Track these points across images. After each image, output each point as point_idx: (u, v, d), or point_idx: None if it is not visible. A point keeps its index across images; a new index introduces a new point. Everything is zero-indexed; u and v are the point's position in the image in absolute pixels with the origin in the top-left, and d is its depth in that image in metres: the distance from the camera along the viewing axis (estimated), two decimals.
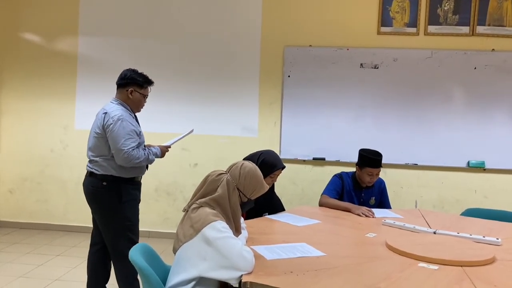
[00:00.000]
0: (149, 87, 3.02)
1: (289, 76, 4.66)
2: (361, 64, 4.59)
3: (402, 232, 2.50)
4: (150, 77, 3.04)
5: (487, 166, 4.48)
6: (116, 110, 2.84)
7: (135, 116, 3.03)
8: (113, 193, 2.82)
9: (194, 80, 4.80)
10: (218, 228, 1.74)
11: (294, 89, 4.65)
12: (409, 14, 4.54)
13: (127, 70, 2.99)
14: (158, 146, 3.03)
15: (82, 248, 4.35)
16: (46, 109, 4.96)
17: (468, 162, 4.50)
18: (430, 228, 2.57)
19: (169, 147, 3.10)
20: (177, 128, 4.78)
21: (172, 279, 1.77)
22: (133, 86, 2.94)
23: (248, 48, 4.74)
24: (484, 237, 2.30)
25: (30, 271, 3.66)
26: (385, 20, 4.57)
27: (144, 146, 2.97)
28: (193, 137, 4.75)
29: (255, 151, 2.94)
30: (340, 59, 4.60)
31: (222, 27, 4.76)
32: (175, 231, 1.89)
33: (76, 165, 4.93)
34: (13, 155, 5.02)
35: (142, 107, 3.04)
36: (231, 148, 4.73)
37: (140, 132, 2.91)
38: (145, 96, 3.00)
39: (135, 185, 2.93)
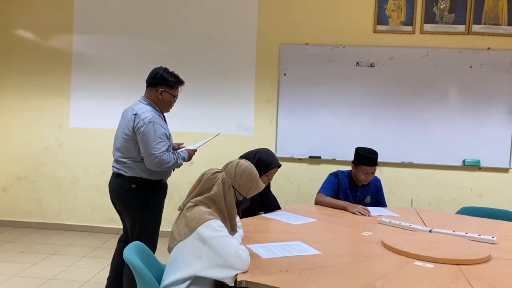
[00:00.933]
0: (179, 87, 2.98)
1: (285, 74, 4.65)
2: (357, 63, 4.58)
3: (398, 230, 2.50)
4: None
5: (483, 164, 4.49)
6: (147, 112, 2.78)
7: (164, 116, 2.99)
8: (141, 196, 2.78)
9: (190, 78, 4.72)
10: (214, 227, 1.73)
11: (290, 87, 4.65)
12: (405, 13, 4.54)
13: (159, 68, 2.93)
14: (186, 149, 2.99)
15: (77, 247, 4.33)
16: (41, 107, 4.93)
17: (464, 161, 4.51)
18: (426, 226, 2.57)
19: (196, 150, 3.04)
20: (173, 126, 4.75)
21: (167, 278, 1.76)
22: (163, 86, 2.88)
23: (244, 46, 4.72)
24: (479, 235, 2.30)
25: (24, 270, 3.63)
26: (381, 18, 4.57)
27: (172, 149, 2.95)
28: (188, 135, 4.75)
29: (251, 149, 2.93)
30: (336, 58, 4.60)
31: (218, 25, 4.74)
32: (170, 230, 1.87)
33: (71, 163, 4.90)
34: (7, 153, 4.99)
35: (171, 108, 3.01)
36: (227, 146, 4.72)
37: (169, 134, 2.87)
38: (174, 97, 2.96)
39: (161, 188, 2.91)
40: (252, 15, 4.70)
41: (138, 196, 2.78)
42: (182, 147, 3.09)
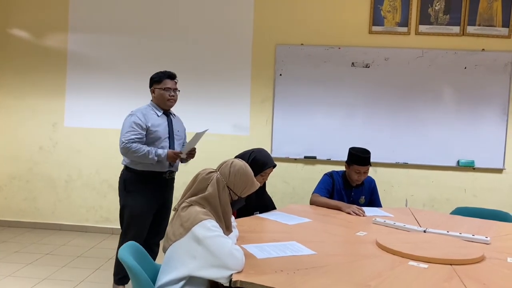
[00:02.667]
0: (168, 80, 3.15)
1: (280, 74, 4.65)
2: (353, 63, 4.59)
3: (392, 230, 2.51)
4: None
5: (477, 165, 4.51)
6: (136, 109, 3.09)
7: (168, 113, 3.21)
8: (122, 182, 3.09)
9: (185, 77, 4.74)
10: (208, 227, 1.73)
11: (285, 88, 4.65)
12: (401, 14, 4.56)
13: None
14: (169, 150, 3.06)
15: (71, 247, 4.31)
16: (35, 106, 4.90)
17: (458, 161, 4.53)
18: (420, 226, 2.58)
19: (180, 153, 3.07)
20: None
21: (162, 278, 1.76)
22: (152, 85, 3.16)
23: (240, 46, 4.72)
24: (473, 235, 2.31)
25: (19, 270, 3.61)
26: (376, 19, 4.58)
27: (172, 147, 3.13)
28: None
29: (246, 149, 2.93)
30: (331, 58, 4.61)
31: (214, 25, 4.74)
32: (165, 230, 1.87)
33: (65, 163, 4.88)
34: (2, 152, 4.96)
35: (170, 101, 3.16)
36: (223, 146, 4.72)
37: (148, 127, 3.01)
38: (165, 89, 3.12)
39: (144, 178, 3.04)
40: (248, 15, 4.70)
41: (121, 182, 3.09)
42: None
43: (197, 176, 1.93)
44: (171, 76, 3.17)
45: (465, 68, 4.50)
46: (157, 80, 3.13)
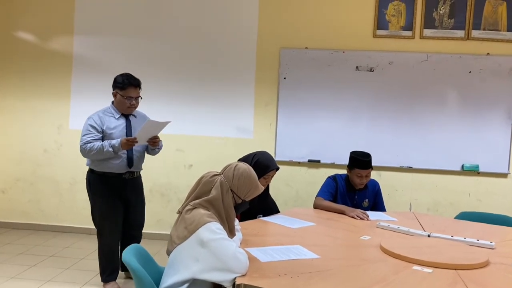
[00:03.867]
0: (131, 88, 3.17)
1: (285, 78, 4.66)
2: (357, 67, 4.59)
3: (396, 234, 2.50)
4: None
5: (481, 169, 4.50)
6: (94, 112, 3.24)
7: (127, 115, 3.27)
8: (87, 184, 3.28)
9: (190, 80, 4.79)
10: (213, 230, 1.73)
11: (289, 91, 4.65)
12: (405, 18, 4.56)
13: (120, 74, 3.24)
14: (122, 138, 3.10)
15: (75, 249, 4.32)
16: (40, 108, 4.93)
17: (462, 166, 4.52)
18: (424, 231, 2.57)
19: (134, 139, 3.07)
20: (172, 128, 4.76)
21: (166, 281, 1.76)
22: (115, 88, 3.21)
23: (244, 50, 4.73)
24: (478, 240, 2.30)
25: (23, 272, 3.62)
26: (381, 23, 4.58)
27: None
28: (188, 138, 4.76)
29: (250, 152, 2.93)
30: (336, 62, 4.61)
31: (219, 28, 4.75)
32: (169, 233, 1.87)
33: (70, 165, 4.89)
34: (6, 154, 4.99)
35: (130, 108, 3.23)
36: (226, 149, 4.72)
37: (102, 129, 3.13)
38: (127, 97, 3.17)
39: (105, 179, 3.20)
40: (253, 19, 4.71)
41: (87, 183, 3.29)
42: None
43: (201, 179, 1.93)
44: (135, 84, 3.19)
45: (470, 72, 4.49)
46: (120, 86, 3.17)
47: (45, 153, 4.94)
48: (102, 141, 3.12)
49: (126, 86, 3.15)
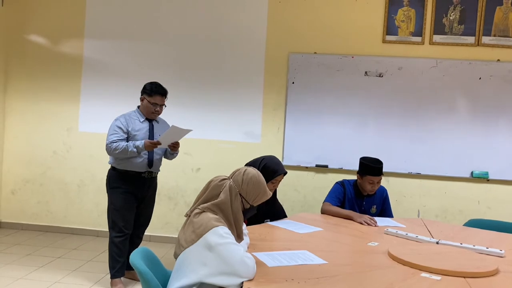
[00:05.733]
0: (159, 96, 3.43)
1: (293, 82, 4.66)
2: (366, 72, 4.58)
3: (404, 241, 2.49)
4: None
5: (491, 176, 4.46)
6: (122, 114, 3.46)
7: (151, 120, 3.51)
8: (107, 180, 3.47)
9: (199, 84, 4.81)
10: (221, 234, 1.73)
11: (298, 96, 4.65)
12: (415, 23, 4.54)
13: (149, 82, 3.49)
14: (146, 140, 3.31)
15: (83, 251, 4.34)
16: (50, 111, 4.97)
17: (472, 173, 4.48)
18: (433, 238, 2.55)
19: (157, 142, 3.27)
20: None
21: (173, 284, 1.76)
22: (143, 94, 3.46)
23: (253, 54, 4.74)
24: (487, 248, 2.28)
25: (30, 273, 3.65)
26: (390, 28, 4.57)
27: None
28: (195, 141, 4.78)
29: (257, 156, 2.93)
30: (344, 67, 4.60)
31: (228, 32, 4.77)
32: (176, 236, 1.88)
33: (79, 167, 4.93)
34: (16, 156, 5.03)
35: (154, 113, 3.48)
36: (234, 153, 4.73)
37: (129, 131, 3.35)
38: (153, 104, 3.42)
39: (124, 176, 3.39)
40: (262, 24, 4.72)
41: (107, 180, 3.48)
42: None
43: (210, 183, 1.94)
44: (163, 94, 3.45)
45: (480, 78, 4.46)
46: (148, 93, 3.41)
47: (54, 155, 4.98)
48: (127, 141, 3.32)
49: (153, 94, 3.40)
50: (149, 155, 3.43)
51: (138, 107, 3.53)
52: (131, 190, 3.42)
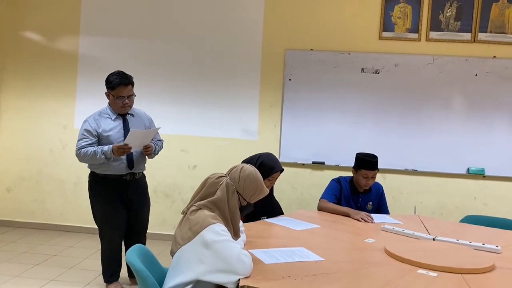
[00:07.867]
0: (122, 87, 3.02)
1: (290, 79, 4.65)
2: (362, 69, 4.58)
3: (401, 238, 2.49)
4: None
5: (487, 173, 4.47)
6: (91, 114, 3.16)
7: (124, 115, 3.17)
8: (89, 185, 3.25)
9: (195, 81, 4.80)
10: (217, 231, 1.73)
11: (294, 93, 4.65)
12: (411, 20, 4.54)
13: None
14: (113, 145, 3.01)
15: (79, 249, 4.33)
16: (46, 108, 4.94)
17: (468, 169, 4.49)
18: (429, 234, 2.56)
19: (126, 145, 2.96)
20: (177, 129, 4.77)
21: (169, 282, 1.76)
22: (107, 89, 3.10)
23: (249, 51, 4.73)
24: (483, 244, 2.29)
25: (27, 271, 3.64)
26: (386, 25, 4.57)
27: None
28: (192, 139, 4.77)
29: (254, 153, 2.93)
30: (341, 64, 4.60)
31: (224, 29, 4.75)
32: (173, 233, 1.87)
33: (75, 165, 4.85)
34: (12, 154, 5.01)
35: (124, 107, 3.11)
36: (231, 150, 4.72)
37: (99, 133, 3.06)
38: (118, 97, 3.05)
39: (104, 180, 3.14)
40: (258, 20, 4.71)
41: (88, 185, 3.25)
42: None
43: (206, 180, 1.93)
44: (125, 82, 3.04)
45: (476, 75, 4.47)
46: (110, 86, 3.04)
47: (50, 152, 4.95)
48: (100, 143, 3.07)
49: (116, 86, 3.02)
50: (128, 155, 3.09)
51: (109, 103, 3.18)
52: (115, 196, 3.15)
